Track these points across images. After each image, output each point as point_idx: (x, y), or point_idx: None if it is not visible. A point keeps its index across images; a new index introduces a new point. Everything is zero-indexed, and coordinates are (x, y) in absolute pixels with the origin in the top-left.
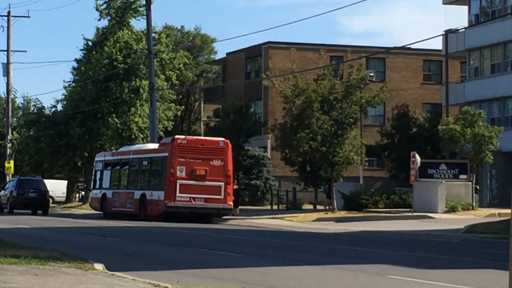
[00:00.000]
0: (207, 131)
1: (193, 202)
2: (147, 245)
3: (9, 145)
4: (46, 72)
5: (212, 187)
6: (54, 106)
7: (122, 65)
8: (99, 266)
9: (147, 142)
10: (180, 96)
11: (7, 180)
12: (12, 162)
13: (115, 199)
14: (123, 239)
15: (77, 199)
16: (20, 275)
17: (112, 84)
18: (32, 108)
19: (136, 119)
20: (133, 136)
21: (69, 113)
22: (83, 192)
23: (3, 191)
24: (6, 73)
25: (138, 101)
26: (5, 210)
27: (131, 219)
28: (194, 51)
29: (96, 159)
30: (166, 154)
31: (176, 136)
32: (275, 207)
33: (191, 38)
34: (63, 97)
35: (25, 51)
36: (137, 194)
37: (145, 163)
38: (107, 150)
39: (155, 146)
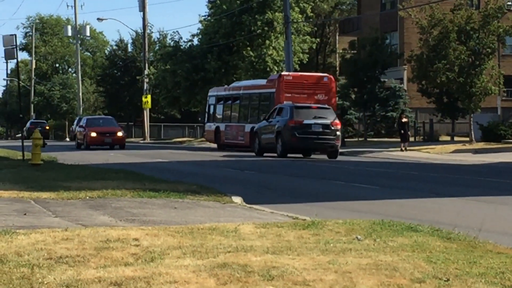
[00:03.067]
0: (342, 63)
1: None
2: (281, 177)
3: (146, 80)
4: (181, 6)
5: None
6: (190, 41)
7: None
8: (237, 199)
9: None
10: (315, 29)
11: (144, 115)
12: (149, 96)
13: (227, 132)
14: (258, 172)
15: None
16: (160, 209)
17: (246, 17)
18: (169, 41)
19: (270, 52)
20: (267, 69)
21: (205, 47)
22: None
23: (77, 127)
24: (142, 8)
25: (272, 34)
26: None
27: (243, 151)
28: None
29: (209, 94)
30: (274, 90)
31: (282, 73)
32: (411, 139)
33: None
34: (199, 31)
35: None
36: (248, 127)
37: (254, 98)
38: None
39: (263, 82)
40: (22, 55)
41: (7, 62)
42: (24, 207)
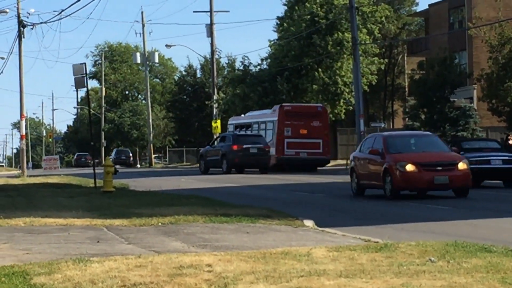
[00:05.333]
0: (411, 84)
1: (298, 155)
2: (351, 199)
3: (215, 105)
4: (248, 31)
5: (312, 143)
6: (259, 64)
7: (324, 20)
8: (309, 223)
9: (352, 97)
10: (383, 50)
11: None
12: (218, 121)
13: None
14: (327, 195)
15: None
16: (232, 233)
17: (316, 37)
18: (238, 66)
19: (342, 74)
20: (338, 91)
21: (274, 70)
22: None
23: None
24: (210, 34)
25: (341, 56)
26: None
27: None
28: (395, 4)
29: (229, 122)
30: (276, 118)
31: (283, 104)
32: None
33: None
34: (267, 55)
35: (228, 11)
36: None
37: (262, 125)
38: None
39: (269, 111)
40: (92, 83)
41: (77, 91)
42: (97, 235)
